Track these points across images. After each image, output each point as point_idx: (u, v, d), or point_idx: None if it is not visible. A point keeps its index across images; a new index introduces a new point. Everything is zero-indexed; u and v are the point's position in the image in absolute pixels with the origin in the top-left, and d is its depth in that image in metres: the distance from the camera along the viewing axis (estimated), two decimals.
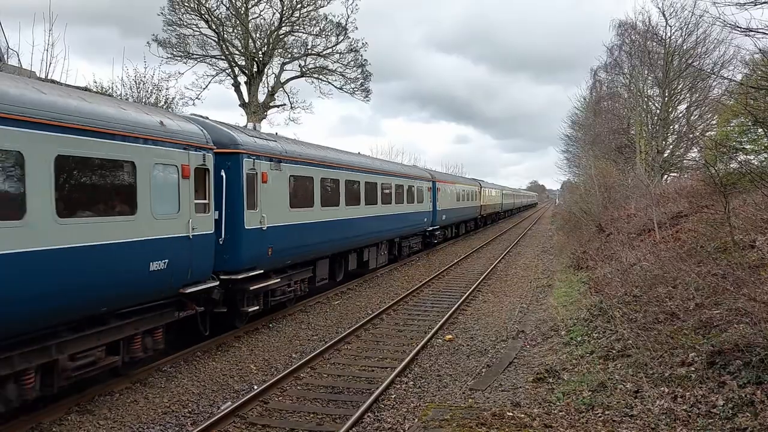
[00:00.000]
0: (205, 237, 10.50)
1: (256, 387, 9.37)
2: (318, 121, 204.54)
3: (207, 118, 12.60)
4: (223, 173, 11.36)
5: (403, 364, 10.39)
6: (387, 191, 22.35)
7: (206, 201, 10.65)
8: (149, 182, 8.95)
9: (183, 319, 10.56)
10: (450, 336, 12.79)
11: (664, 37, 31.21)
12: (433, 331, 12.93)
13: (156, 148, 9.21)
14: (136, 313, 9.14)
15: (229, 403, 8.75)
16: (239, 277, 11.73)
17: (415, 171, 29.24)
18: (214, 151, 11.04)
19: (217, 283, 11.02)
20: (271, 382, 9.41)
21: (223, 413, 8.08)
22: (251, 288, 12.11)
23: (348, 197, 17.96)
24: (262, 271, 12.53)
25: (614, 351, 9.61)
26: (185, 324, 10.97)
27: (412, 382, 9.76)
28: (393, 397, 9.06)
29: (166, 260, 9.27)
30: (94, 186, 8.09)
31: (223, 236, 11.38)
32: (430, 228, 30.27)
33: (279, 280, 13.59)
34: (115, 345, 8.78)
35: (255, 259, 12.43)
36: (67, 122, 7.50)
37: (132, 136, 8.61)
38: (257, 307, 12.75)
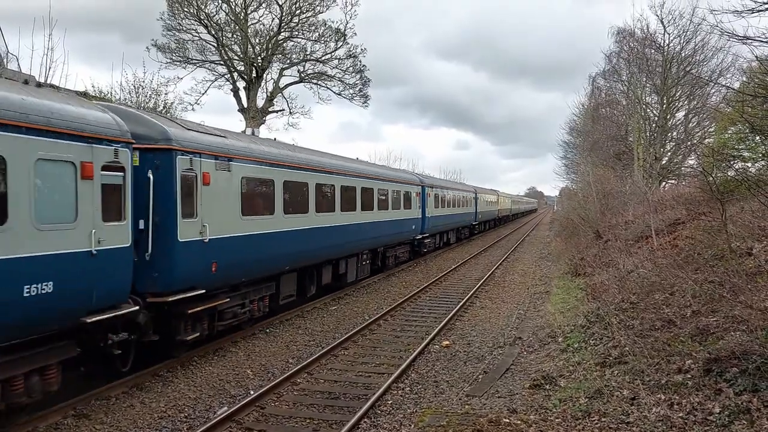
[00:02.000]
0: (420, 219, 27.57)
1: (252, 392, 9.35)
2: (317, 127, 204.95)
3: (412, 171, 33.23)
4: (420, 192, 28.06)
5: (400, 369, 10.40)
6: (457, 199, 38.37)
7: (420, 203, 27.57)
8: (412, 199, 26.96)
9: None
10: (447, 342, 12.78)
11: (662, 44, 31.29)
12: (430, 337, 12.94)
13: (413, 187, 27.32)
14: (397, 244, 24.64)
15: (226, 408, 8.73)
16: (424, 235, 28.74)
17: (466, 186, 46.46)
18: (421, 185, 28.55)
19: (420, 236, 28.04)
20: (267, 387, 9.40)
21: (219, 418, 8.08)
22: (425, 241, 29.20)
23: (446, 204, 34.78)
24: (427, 234, 29.33)
25: (611, 358, 9.59)
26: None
27: (408, 388, 9.76)
28: (390, 402, 9.05)
29: (414, 226, 26.52)
30: (395, 200, 24.12)
31: (420, 217, 27.97)
32: (473, 223, 46.12)
33: (430, 239, 30.33)
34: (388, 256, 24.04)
35: (426, 228, 28.91)
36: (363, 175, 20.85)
37: (405, 183, 26.25)
38: (426, 250, 29.87)
